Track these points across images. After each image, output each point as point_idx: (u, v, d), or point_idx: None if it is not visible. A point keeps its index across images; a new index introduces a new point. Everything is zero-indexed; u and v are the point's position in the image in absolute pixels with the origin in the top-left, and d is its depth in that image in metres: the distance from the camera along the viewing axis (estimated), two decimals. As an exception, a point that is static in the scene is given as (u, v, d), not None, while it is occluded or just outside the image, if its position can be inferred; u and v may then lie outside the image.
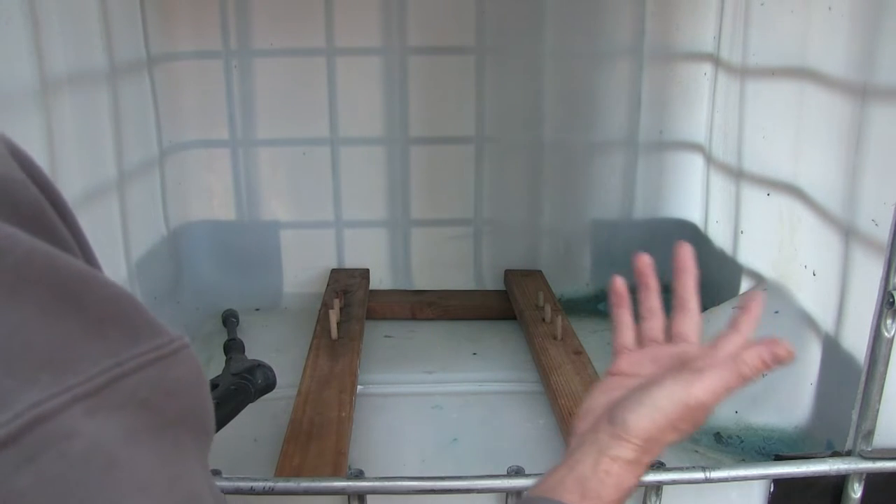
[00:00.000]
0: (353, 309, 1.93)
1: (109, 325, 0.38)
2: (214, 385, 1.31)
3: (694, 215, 2.15)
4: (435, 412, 1.57)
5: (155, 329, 0.40)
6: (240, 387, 1.29)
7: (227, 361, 1.58)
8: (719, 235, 1.96)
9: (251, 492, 1.04)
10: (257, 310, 2.12)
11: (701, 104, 2.09)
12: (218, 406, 1.23)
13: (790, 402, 1.44)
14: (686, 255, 0.85)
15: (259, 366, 1.35)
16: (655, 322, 0.86)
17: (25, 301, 0.35)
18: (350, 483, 1.06)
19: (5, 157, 0.43)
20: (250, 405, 1.31)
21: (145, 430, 0.38)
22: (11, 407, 0.32)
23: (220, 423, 1.23)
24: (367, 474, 1.08)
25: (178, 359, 0.41)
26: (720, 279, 1.92)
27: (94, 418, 0.35)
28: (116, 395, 0.36)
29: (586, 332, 1.91)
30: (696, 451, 1.43)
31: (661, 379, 0.72)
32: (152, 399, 0.38)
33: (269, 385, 1.34)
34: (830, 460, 1.10)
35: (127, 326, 0.39)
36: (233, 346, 1.73)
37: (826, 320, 1.37)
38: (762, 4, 1.68)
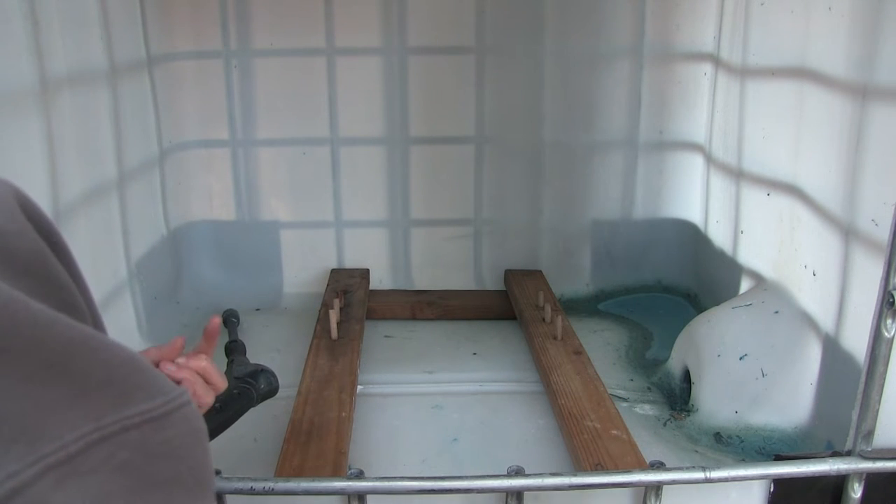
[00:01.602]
0: (353, 309, 1.93)
1: (95, 391, 0.39)
2: None
3: (694, 215, 2.15)
4: (435, 412, 1.58)
5: (151, 390, 0.41)
6: (243, 391, 1.29)
7: (230, 364, 1.58)
8: (719, 235, 1.96)
9: (251, 492, 1.04)
10: (257, 310, 2.12)
11: (701, 104, 2.09)
12: (220, 410, 1.23)
13: (790, 402, 1.44)
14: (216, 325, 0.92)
15: (262, 371, 1.34)
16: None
17: (6, 371, 0.36)
18: (350, 483, 1.06)
19: (7, 205, 0.44)
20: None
21: (123, 494, 0.38)
22: None
23: (222, 426, 1.23)
24: (367, 474, 1.08)
25: (172, 420, 0.42)
26: (720, 279, 1.92)
27: (62, 488, 0.35)
28: (90, 461, 0.37)
29: (586, 332, 1.92)
30: (696, 451, 1.43)
31: None
32: (134, 461, 0.39)
33: (272, 390, 1.34)
34: (830, 460, 1.10)
35: (116, 390, 0.40)
36: (235, 348, 1.73)
37: (826, 320, 1.37)
38: (762, 4, 1.68)
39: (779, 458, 1.19)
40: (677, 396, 1.63)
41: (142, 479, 0.39)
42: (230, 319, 1.95)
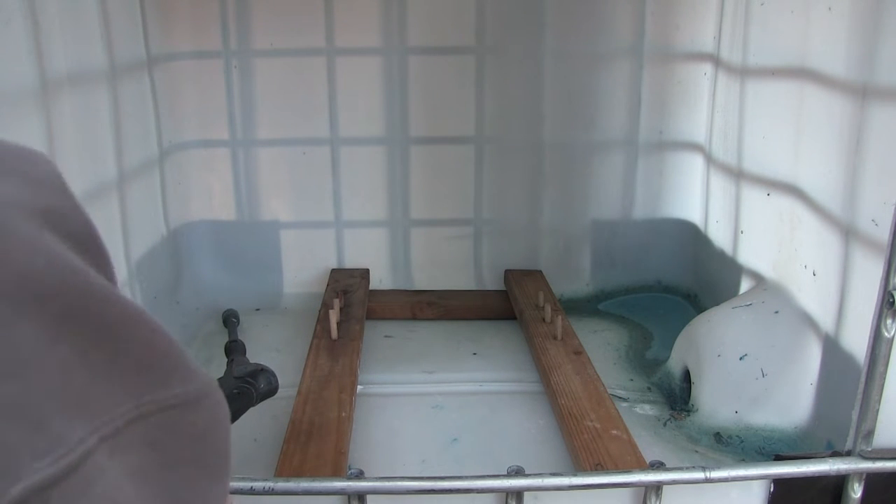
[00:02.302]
0: (353, 309, 1.93)
1: (139, 370, 0.41)
2: None
3: (694, 215, 2.15)
4: (435, 412, 1.58)
5: (187, 375, 0.43)
6: (242, 391, 1.29)
7: (229, 364, 1.58)
8: (719, 235, 1.96)
9: (251, 492, 1.04)
10: (257, 310, 2.12)
11: (701, 104, 2.09)
12: None
13: (790, 402, 1.44)
14: None
15: (262, 370, 1.35)
16: None
17: (71, 340, 0.37)
18: (350, 483, 1.06)
19: (58, 181, 0.46)
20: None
21: (154, 469, 0.40)
22: (65, 443, 0.35)
23: None
24: (367, 474, 1.08)
25: (201, 405, 0.44)
26: (720, 279, 1.92)
27: (112, 458, 0.37)
28: (130, 436, 0.39)
29: (586, 332, 1.92)
30: (696, 451, 1.43)
31: None
32: (165, 440, 0.41)
33: (272, 390, 1.35)
34: (830, 460, 1.10)
35: (157, 371, 0.42)
36: (234, 348, 1.73)
37: (826, 320, 1.37)
38: (762, 4, 1.68)
39: (779, 458, 1.19)
40: (677, 396, 1.63)
41: (171, 457, 0.42)
42: (230, 319, 1.96)
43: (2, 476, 0.32)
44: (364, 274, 2.17)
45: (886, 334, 1.05)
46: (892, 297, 1.03)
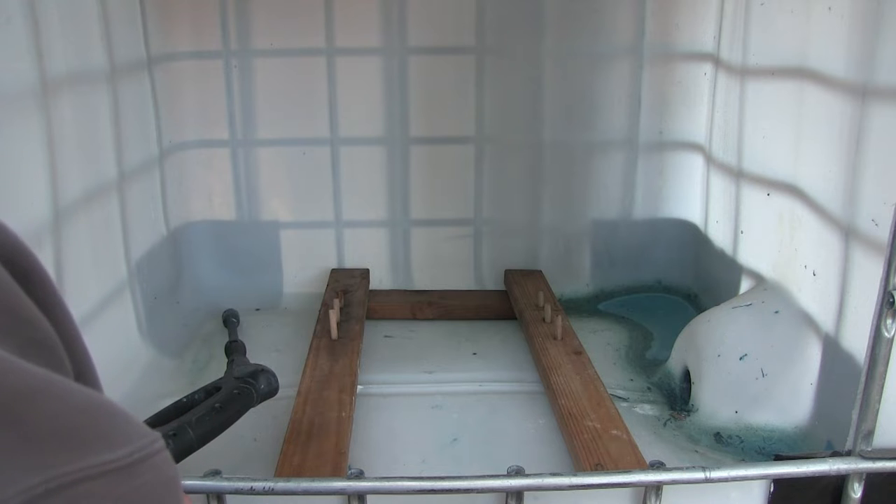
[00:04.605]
0: (353, 309, 1.93)
1: (49, 442, 0.38)
2: (217, 388, 1.31)
3: (694, 215, 2.15)
4: (435, 412, 1.58)
5: (116, 439, 0.40)
6: (243, 391, 1.29)
7: (230, 364, 1.58)
8: (719, 235, 1.96)
9: (251, 492, 1.04)
10: (257, 310, 2.12)
11: (701, 104, 2.09)
12: (220, 410, 1.23)
13: (790, 402, 1.44)
14: None
15: (262, 371, 1.35)
16: None
17: None
18: (350, 483, 1.06)
19: None
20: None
21: None
22: None
23: (222, 426, 1.23)
24: (367, 474, 1.08)
25: (139, 470, 0.40)
26: (720, 279, 1.92)
27: None
28: None
29: (586, 332, 1.92)
30: (696, 451, 1.43)
31: None
32: None
33: (272, 391, 1.35)
34: (830, 460, 1.10)
35: (72, 440, 0.38)
36: (234, 348, 1.74)
37: (826, 320, 1.37)
38: (762, 4, 1.68)
39: (779, 458, 1.19)
40: (677, 396, 1.63)
41: None
42: (230, 319, 1.96)
43: None
44: (364, 274, 2.17)
45: (886, 334, 1.05)
46: (892, 297, 1.03)
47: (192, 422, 1.19)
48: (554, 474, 1.09)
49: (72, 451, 0.38)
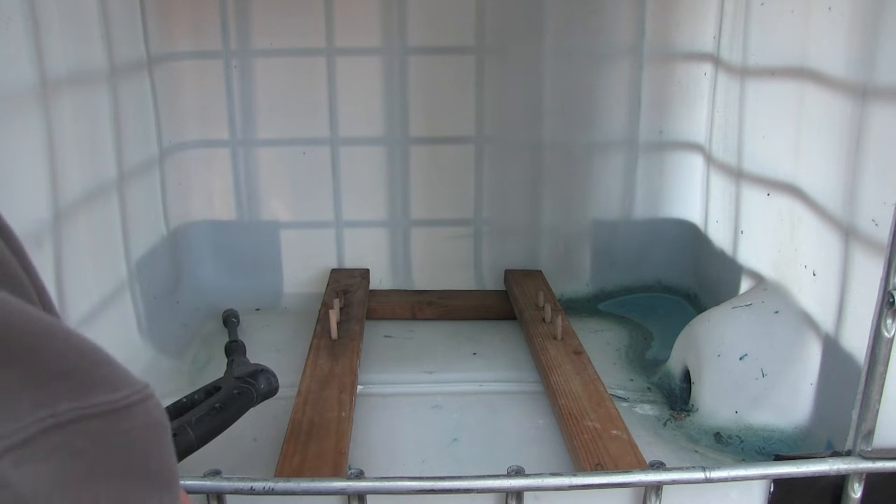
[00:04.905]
0: (353, 309, 1.93)
1: (52, 378, 0.39)
2: (217, 388, 1.31)
3: (694, 215, 2.15)
4: (435, 412, 1.58)
5: (113, 382, 0.42)
6: (242, 391, 1.29)
7: (230, 364, 1.58)
8: (719, 235, 1.96)
9: (251, 492, 1.04)
10: (257, 310, 2.12)
11: (701, 104, 2.09)
12: (220, 410, 1.23)
13: (790, 402, 1.44)
14: None
15: (262, 371, 1.35)
16: None
17: None
18: (350, 483, 1.06)
19: None
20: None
21: (78, 480, 0.39)
22: None
23: (222, 426, 1.23)
24: (367, 474, 1.08)
25: (133, 412, 0.42)
26: (720, 279, 1.92)
27: (19, 468, 0.36)
28: (47, 445, 0.38)
29: (586, 332, 1.92)
30: (696, 451, 1.43)
31: None
32: (91, 449, 0.40)
33: (272, 390, 1.35)
34: (830, 460, 1.10)
35: (75, 380, 0.40)
36: (235, 348, 1.74)
37: (826, 320, 1.37)
38: (762, 4, 1.68)
39: (779, 458, 1.19)
40: (677, 396, 1.63)
41: (99, 468, 0.41)
42: (230, 319, 1.96)
43: None
44: (364, 274, 2.17)
45: (886, 334, 1.05)
46: (892, 297, 1.03)
47: (192, 422, 1.19)
48: (554, 474, 1.09)
49: (75, 389, 0.40)
